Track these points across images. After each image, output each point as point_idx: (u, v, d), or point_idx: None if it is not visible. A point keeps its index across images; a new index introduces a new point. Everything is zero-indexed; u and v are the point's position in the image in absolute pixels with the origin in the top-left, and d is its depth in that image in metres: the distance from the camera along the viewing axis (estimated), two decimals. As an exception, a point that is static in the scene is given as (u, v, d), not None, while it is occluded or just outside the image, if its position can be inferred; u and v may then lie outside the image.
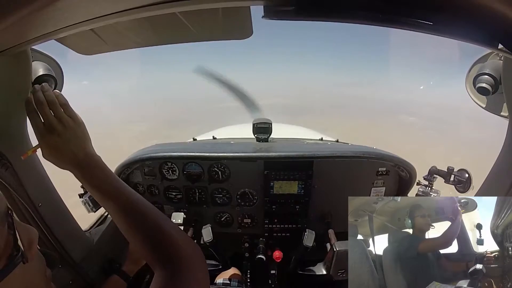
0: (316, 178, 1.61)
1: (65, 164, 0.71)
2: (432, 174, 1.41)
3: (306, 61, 40.80)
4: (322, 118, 9.32)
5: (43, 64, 1.04)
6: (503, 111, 0.99)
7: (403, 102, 11.88)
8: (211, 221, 1.73)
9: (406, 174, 1.58)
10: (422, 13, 0.52)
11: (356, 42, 47.22)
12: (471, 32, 0.56)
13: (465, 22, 0.53)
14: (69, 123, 0.71)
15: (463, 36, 0.58)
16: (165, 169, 1.65)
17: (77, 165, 0.70)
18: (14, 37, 0.60)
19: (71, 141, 0.70)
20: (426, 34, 0.56)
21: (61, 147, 0.69)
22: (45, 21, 0.54)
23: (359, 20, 0.53)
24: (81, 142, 0.72)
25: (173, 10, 0.54)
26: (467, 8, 0.50)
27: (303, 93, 14.30)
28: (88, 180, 0.70)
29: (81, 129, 0.73)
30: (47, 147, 0.70)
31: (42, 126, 0.69)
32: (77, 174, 0.71)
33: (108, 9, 0.54)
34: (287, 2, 0.51)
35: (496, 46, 0.59)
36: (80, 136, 0.72)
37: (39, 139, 0.70)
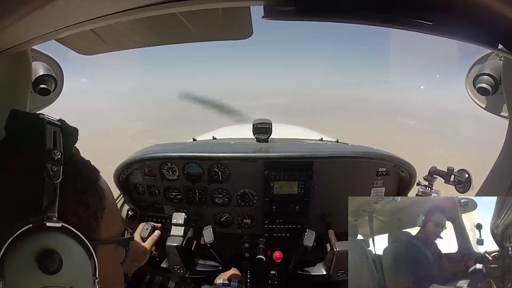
0: (316, 178, 1.61)
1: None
2: (432, 175, 1.41)
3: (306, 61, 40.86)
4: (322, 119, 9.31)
5: (43, 64, 1.04)
6: (503, 111, 0.99)
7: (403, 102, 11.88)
8: (211, 221, 1.73)
9: (406, 174, 1.58)
10: (422, 13, 0.52)
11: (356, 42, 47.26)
12: (471, 32, 0.56)
13: (465, 22, 0.53)
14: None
15: (463, 36, 0.58)
16: (165, 169, 1.65)
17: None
18: (14, 37, 0.60)
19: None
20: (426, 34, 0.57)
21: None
22: (45, 21, 0.54)
23: (359, 20, 0.53)
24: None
25: (173, 10, 0.54)
26: (467, 8, 0.50)
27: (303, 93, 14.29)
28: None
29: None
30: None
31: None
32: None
33: (108, 9, 0.54)
34: (287, 2, 0.51)
35: (496, 46, 0.59)
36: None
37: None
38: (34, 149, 0.47)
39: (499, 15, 0.47)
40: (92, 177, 0.55)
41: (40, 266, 0.42)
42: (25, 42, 0.63)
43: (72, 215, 0.48)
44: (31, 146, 0.47)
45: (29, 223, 0.43)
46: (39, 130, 0.48)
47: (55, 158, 0.47)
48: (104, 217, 0.54)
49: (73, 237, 0.46)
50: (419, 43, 17.50)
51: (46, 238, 0.44)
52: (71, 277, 0.45)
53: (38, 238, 0.43)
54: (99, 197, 0.54)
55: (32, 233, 0.43)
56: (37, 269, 0.42)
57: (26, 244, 0.42)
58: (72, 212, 0.48)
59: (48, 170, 0.46)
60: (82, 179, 0.53)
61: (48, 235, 0.44)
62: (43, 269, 0.42)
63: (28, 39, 0.63)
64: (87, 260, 0.47)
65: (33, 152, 0.47)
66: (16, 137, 0.48)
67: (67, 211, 0.47)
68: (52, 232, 0.44)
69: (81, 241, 0.47)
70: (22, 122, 0.50)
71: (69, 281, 0.44)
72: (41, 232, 0.44)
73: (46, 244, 0.43)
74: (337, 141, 2.49)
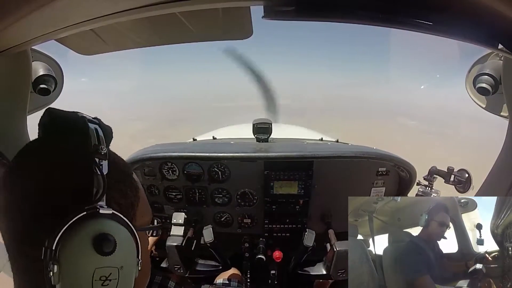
0: (316, 178, 1.61)
1: None
2: (432, 174, 1.41)
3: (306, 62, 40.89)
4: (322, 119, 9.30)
5: (43, 64, 1.04)
6: (503, 111, 0.99)
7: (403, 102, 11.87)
8: (211, 221, 1.73)
9: (406, 174, 1.58)
10: (422, 13, 0.52)
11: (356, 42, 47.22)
12: (471, 32, 0.56)
13: (465, 22, 0.53)
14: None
15: (463, 36, 0.58)
16: (165, 169, 1.65)
17: None
18: (14, 37, 0.60)
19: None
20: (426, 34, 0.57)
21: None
22: (45, 21, 0.54)
23: (359, 20, 0.53)
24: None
25: (173, 10, 0.54)
26: (467, 8, 0.50)
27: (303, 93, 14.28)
28: None
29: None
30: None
31: None
32: None
33: (108, 9, 0.54)
34: (287, 2, 0.51)
35: (496, 46, 0.59)
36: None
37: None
38: (82, 145, 0.51)
39: (499, 15, 0.47)
40: (127, 170, 0.60)
41: (96, 249, 0.46)
42: (25, 42, 0.64)
43: (115, 204, 0.52)
44: (79, 142, 0.51)
45: (84, 210, 0.47)
46: (83, 127, 0.51)
47: (102, 153, 0.51)
48: (139, 206, 0.59)
49: (120, 223, 0.50)
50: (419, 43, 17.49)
51: (100, 223, 0.48)
52: (122, 259, 0.49)
53: (93, 223, 0.47)
54: (135, 188, 0.59)
55: (87, 219, 0.47)
56: (93, 252, 0.46)
57: (82, 229, 0.46)
58: (114, 201, 0.52)
59: (98, 164, 0.50)
60: (120, 172, 0.57)
61: (101, 221, 0.48)
62: (99, 251, 0.46)
63: (28, 39, 0.63)
64: (133, 244, 0.52)
65: (82, 148, 0.50)
66: (62, 134, 0.52)
67: (110, 200, 0.51)
68: (104, 219, 0.48)
69: (128, 227, 0.51)
70: (66, 120, 0.53)
71: (119, 262, 0.48)
72: (95, 219, 0.47)
73: (100, 229, 0.47)
74: (337, 141, 2.48)
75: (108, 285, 0.47)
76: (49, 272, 0.44)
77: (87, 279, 0.46)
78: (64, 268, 0.45)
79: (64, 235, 0.45)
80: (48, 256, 0.45)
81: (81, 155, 0.50)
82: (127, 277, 0.50)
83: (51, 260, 0.45)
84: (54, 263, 0.44)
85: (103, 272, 0.47)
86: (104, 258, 0.46)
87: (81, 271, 0.46)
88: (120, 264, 0.48)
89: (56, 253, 0.45)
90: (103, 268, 0.47)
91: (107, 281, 0.47)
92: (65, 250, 0.45)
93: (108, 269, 0.47)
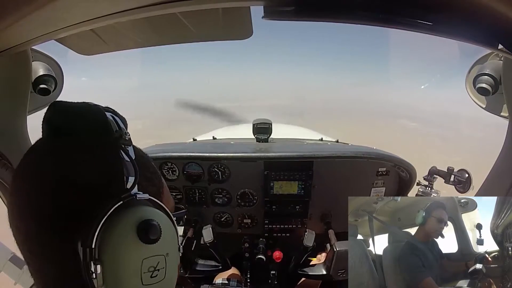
0: (316, 178, 1.61)
1: None
2: (432, 175, 1.41)
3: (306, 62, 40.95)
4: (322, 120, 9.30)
5: (43, 64, 1.04)
6: (503, 112, 0.99)
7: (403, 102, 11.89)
8: (211, 221, 1.73)
9: (406, 174, 1.58)
10: (422, 13, 0.52)
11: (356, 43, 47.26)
12: (471, 32, 0.56)
13: (465, 22, 0.53)
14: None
15: (463, 36, 0.58)
16: (165, 169, 1.65)
17: None
18: (14, 37, 0.60)
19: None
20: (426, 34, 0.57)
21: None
22: (45, 21, 0.54)
23: (359, 20, 0.53)
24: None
25: (173, 10, 0.54)
26: (467, 8, 0.50)
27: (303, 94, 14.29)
28: None
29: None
30: None
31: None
32: None
33: (108, 9, 0.54)
34: (287, 2, 0.51)
35: (496, 46, 0.59)
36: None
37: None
38: (106, 132, 0.47)
39: (499, 15, 0.47)
40: (147, 157, 0.57)
41: (141, 237, 0.42)
42: (25, 42, 0.63)
43: (143, 190, 0.49)
44: (102, 130, 0.48)
45: (120, 199, 0.44)
46: (101, 115, 0.48)
47: (127, 138, 0.48)
48: (164, 193, 0.57)
49: (158, 209, 0.48)
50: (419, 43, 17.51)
51: (140, 210, 0.44)
52: (166, 245, 0.46)
53: (133, 211, 0.44)
54: (158, 175, 0.57)
55: (125, 208, 0.43)
56: (138, 241, 0.42)
57: (123, 219, 0.42)
58: (143, 188, 0.49)
59: (126, 150, 0.47)
60: (143, 158, 0.54)
61: (141, 208, 0.45)
62: (145, 240, 0.42)
63: (28, 39, 0.63)
64: (173, 228, 0.49)
65: (106, 136, 0.47)
66: (81, 124, 0.48)
67: (139, 186, 0.48)
68: (143, 206, 0.46)
69: (165, 211, 0.49)
70: (82, 110, 0.49)
71: (165, 249, 0.45)
72: (134, 206, 0.44)
73: (143, 216, 0.44)
74: (337, 141, 2.48)
75: (157, 275, 0.44)
76: (91, 274, 0.40)
77: (135, 274, 0.42)
78: (108, 267, 0.41)
79: (103, 230, 0.41)
80: (88, 257, 0.40)
81: (107, 143, 0.47)
82: (173, 264, 0.47)
83: (92, 260, 0.40)
84: (97, 263, 0.40)
85: (151, 262, 0.43)
86: (150, 246, 0.43)
87: (128, 266, 0.42)
88: (166, 251, 0.45)
89: (96, 251, 0.41)
90: (151, 258, 0.43)
91: (156, 271, 0.44)
92: (107, 246, 0.41)
93: (156, 258, 0.44)
